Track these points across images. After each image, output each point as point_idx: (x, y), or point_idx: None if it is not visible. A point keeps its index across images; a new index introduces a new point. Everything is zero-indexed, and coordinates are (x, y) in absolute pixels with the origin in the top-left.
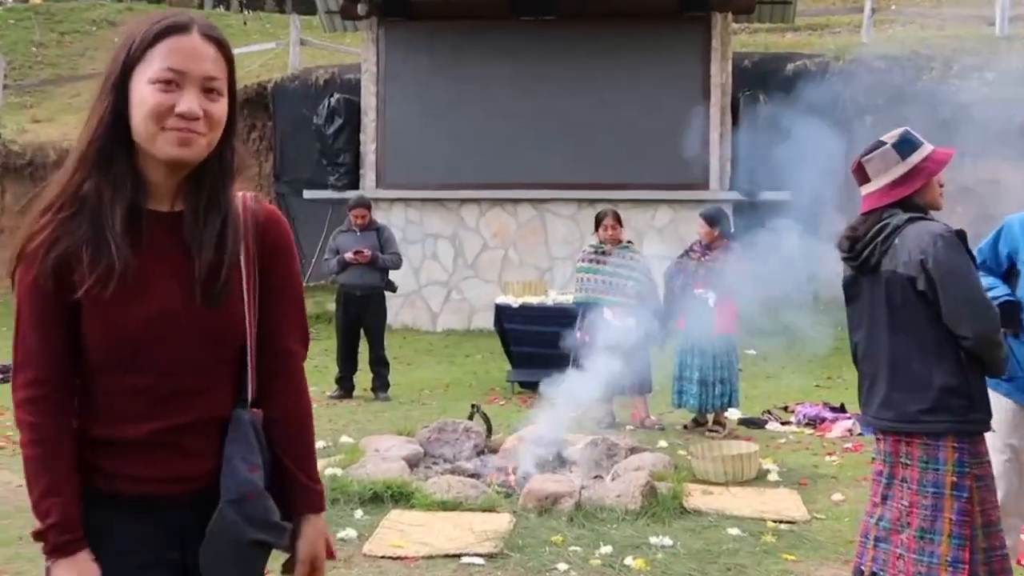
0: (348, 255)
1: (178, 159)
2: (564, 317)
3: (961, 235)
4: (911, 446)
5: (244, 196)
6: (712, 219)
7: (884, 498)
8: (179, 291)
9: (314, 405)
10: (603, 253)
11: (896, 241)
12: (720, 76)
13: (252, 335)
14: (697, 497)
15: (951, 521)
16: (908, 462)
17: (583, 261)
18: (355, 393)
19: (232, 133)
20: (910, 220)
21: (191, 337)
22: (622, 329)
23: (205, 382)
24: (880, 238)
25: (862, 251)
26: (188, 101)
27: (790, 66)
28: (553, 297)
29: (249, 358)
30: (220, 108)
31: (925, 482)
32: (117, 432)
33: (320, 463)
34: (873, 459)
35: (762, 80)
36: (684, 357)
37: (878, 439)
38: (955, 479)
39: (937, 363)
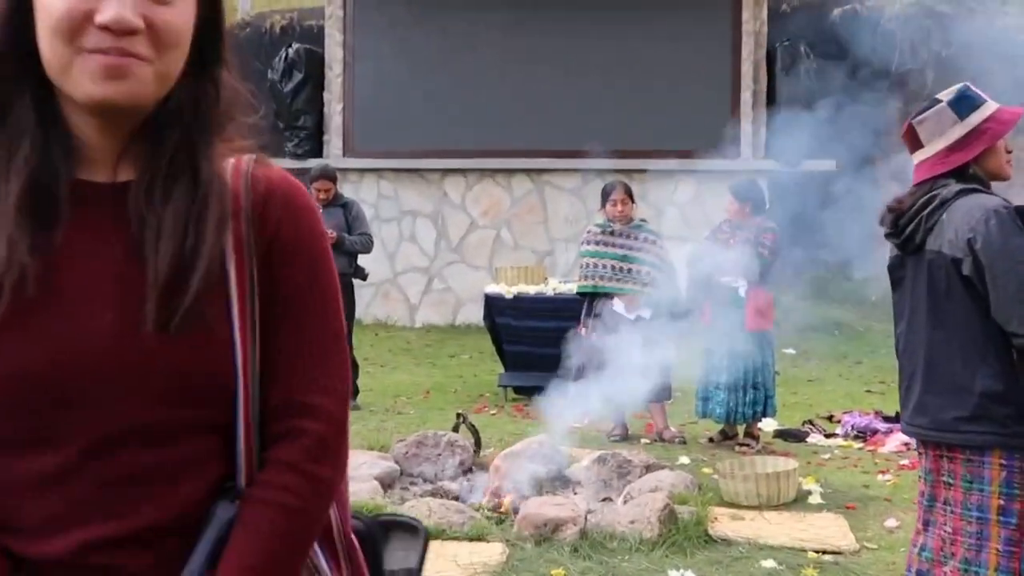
0: None
1: (105, 101)
2: (566, 310)
3: (1021, 212)
4: (953, 462)
5: (238, 161)
6: (743, 194)
7: (926, 524)
8: (118, 309)
9: None
10: (612, 233)
11: (943, 216)
12: (753, 23)
13: (247, 380)
14: (725, 523)
15: (998, 552)
16: (951, 481)
17: (589, 243)
18: None
19: (216, 59)
20: (962, 192)
21: (139, 382)
22: (635, 324)
23: (167, 459)
24: (926, 212)
25: (906, 227)
26: (114, 4)
27: (837, 11)
28: (554, 286)
29: (241, 417)
30: (176, 16)
31: (969, 505)
32: (18, 547)
33: None
34: (920, 477)
35: (804, 28)
36: (710, 358)
37: (920, 453)
38: (1002, 502)
39: (980, 364)
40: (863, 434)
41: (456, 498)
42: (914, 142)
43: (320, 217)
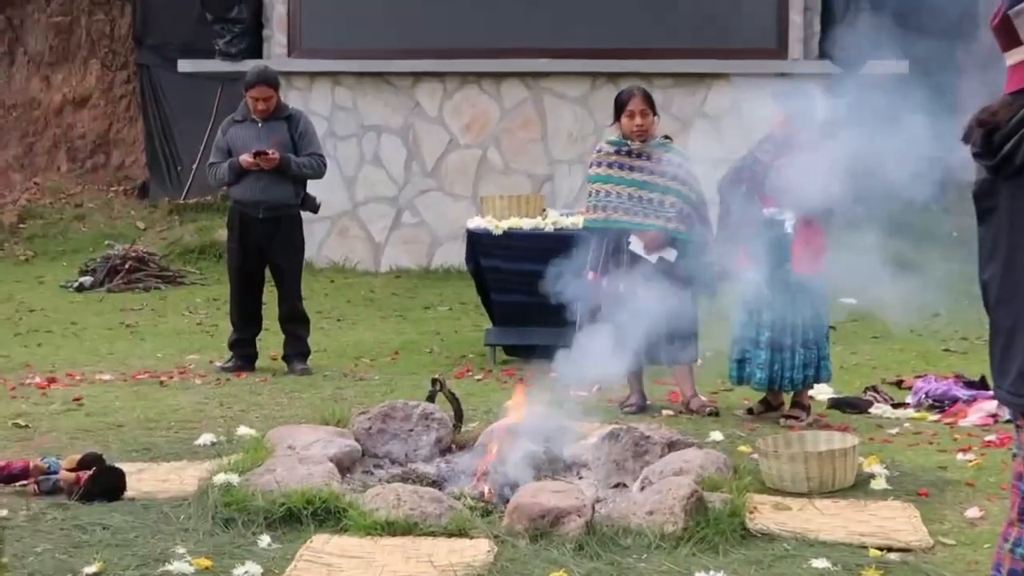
0: (245, 157)
1: None
2: (570, 250)
3: None
4: None
5: None
6: (791, 103)
7: (1023, 514)
8: None
9: (197, 382)
10: (628, 154)
11: None
12: None
13: None
14: (767, 514)
15: None
16: None
17: (598, 166)
18: (258, 364)
19: None
20: None
21: None
22: (657, 268)
23: None
24: None
25: (1002, 145)
26: None
27: None
28: (554, 220)
29: None
30: None
31: None
32: None
33: (206, 466)
34: (1014, 455)
35: None
36: (749, 309)
37: (1018, 426)
38: None
39: None
40: (940, 404)
41: (432, 484)
42: (1009, 37)
43: None
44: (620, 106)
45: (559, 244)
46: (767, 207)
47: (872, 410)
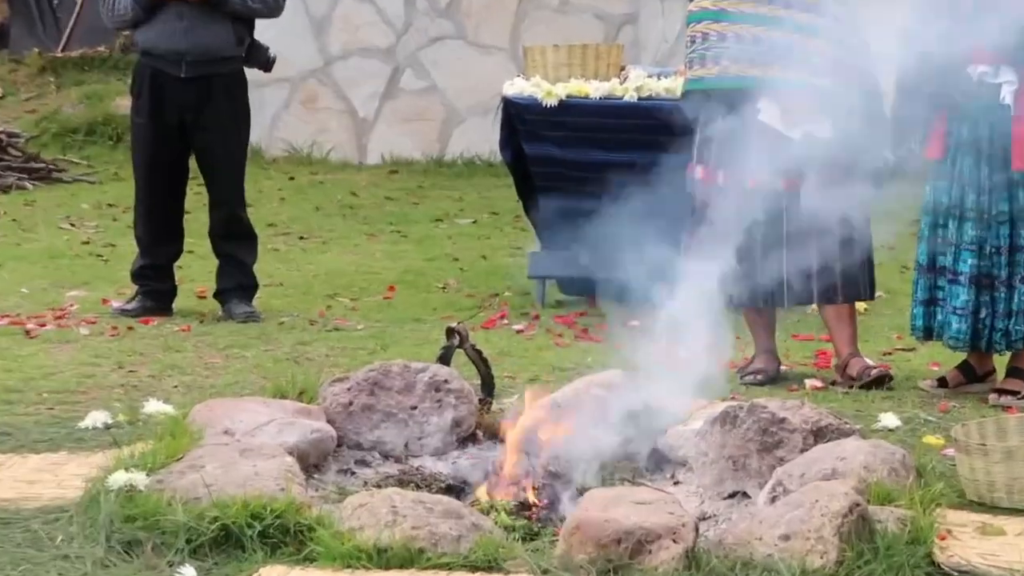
0: None
1: None
2: (663, 131)
3: None
4: None
5: None
6: None
7: None
8: None
9: (83, 332)
10: None
11: None
12: None
13: None
14: (967, 542)
15: None
16: None
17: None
18: (178, 305)
19: None
20: None
21: None
22: (801, 149)
23: None
24: None
25: None
26: None
27: None
28: (637, 84)
29: None
30: None
31: None
32: None
33: (97, 460)
34: None
35: None
36: (942, 223)
37: None
38: None
39: None
40: None
41: (447, 490)
42: None
43: None
44: None
45: (645, 121)
46: (978, 65)
47: None
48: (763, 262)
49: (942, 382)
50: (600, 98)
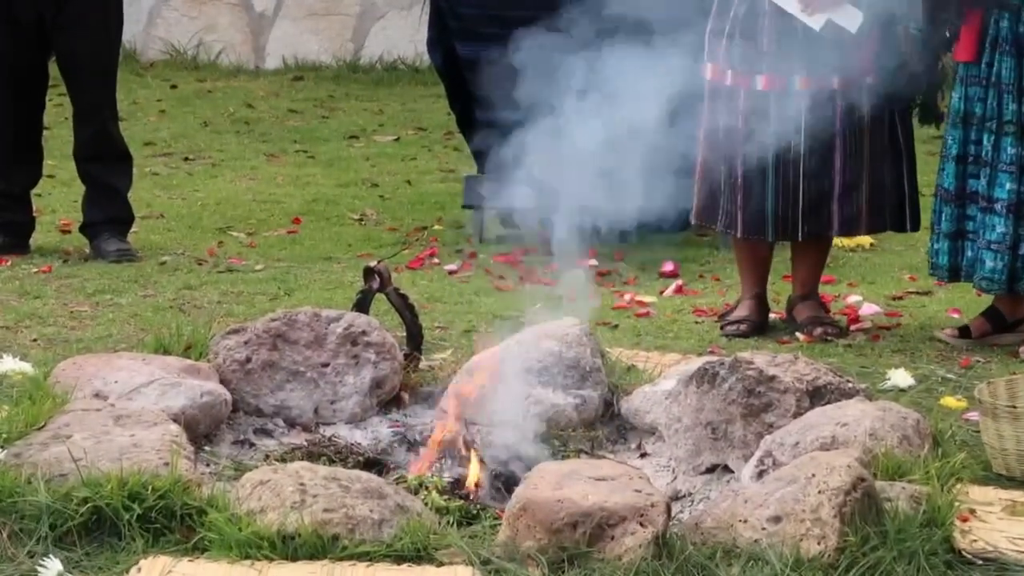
0: None
1: None
2: (631, 23)
3: None
4: None
5: None
6: None
7: None
8: None
9: None
10: None
11: None
12: None
13: None
14: (993, 524)
15: None
16: None
17: None
18: (36, 240)
19: None
20: None
21: None
22: (825, 40)
23: None
24: None
25: None
26: None
27: None
28: None
29: None
30: None
31: None
32: None
33: None
34: None
35: None
36: (972, 137)
37: None
38: None
39: None
40: None
41: (367, 464)
42: None
43: None
44: None
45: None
46: None
47: None
48: (775, 183)
49: (964, 331)
50: None
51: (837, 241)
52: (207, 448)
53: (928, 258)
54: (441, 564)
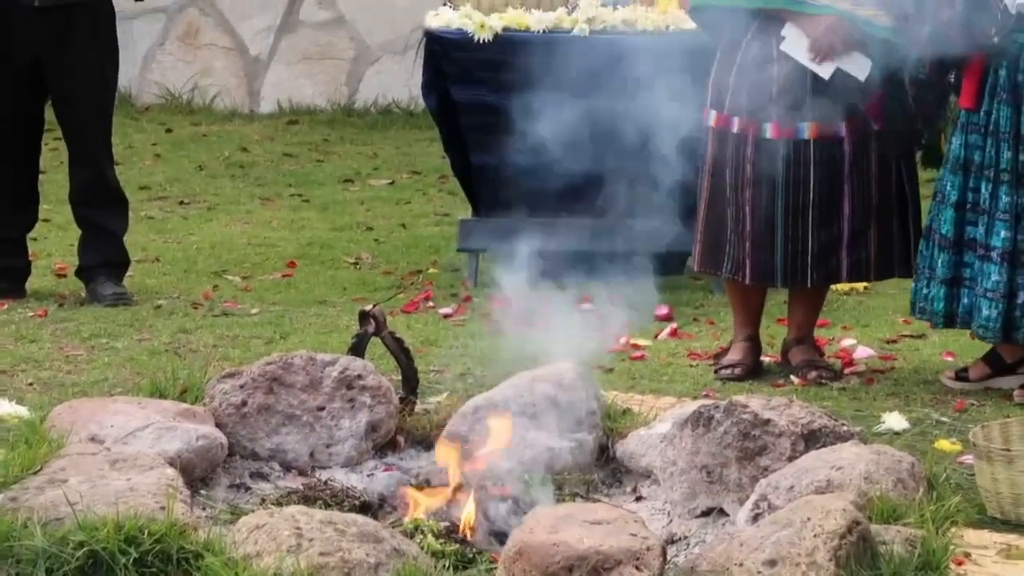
0: None
1: None
2: (618, 71)
3: None
4: None
5: None
6: None
7: None
8: None
9: None
10: None
11: None
12: None
13: None
14: (988, 566)
15: None
16: None
17: None
18: (32, 284)
19: None
20: None
21: None
22: (832, 88)
23: None
24: None
25: None
26: None
27: None
28: (590, 13)
29: None
30: None
31: None
32: None
33: None
34: None
35: None
36: (970, 184)
37: None
38: None
39: None
40: None
41: (362, 508)
42: None
43: None
44: None
45: (598, 60)
46: None
47: None
48: (784, 231)
49: (961, 374)
50: (544, 31)
51: (832, 285)
52: (203, 492)
53: (913, 300)
54: None
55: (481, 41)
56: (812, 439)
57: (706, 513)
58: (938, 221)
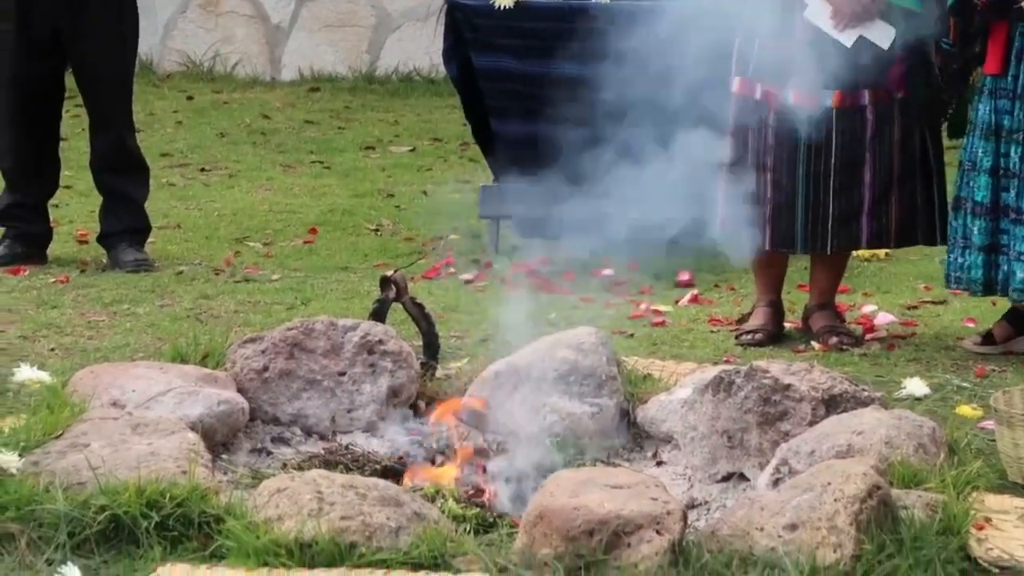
0: None
1: None
2: (641, 37)
3: None
4: None
5: None
6: None
7: None
8: None
9: None
10: None
11: None
12: None
13: None
14: (1009, 531)
15: None
16: None
17: None
18: (53, 250)
19: None
20: None
21: None
22: (855, 56)
23: None
24: None
25: None
26: None
27: None
28: None
29: None
30: None
31: None
32: None
33: None
34: None
35: None
36: (1001, 150)
37: None
38: None
39: None
40: None
41: (384, 472)
42: None
43: None
44: None
45: (621, 26)
46: None
47: None
48: (804, 197)
49: (986, 337)
50: None
51: (853, 251)
52: (224, 456)
53: (946, 270)
54: (458, 571)
55: (502, 8)
56: (833, 404)
57: (727, 478)
58: (969, 189)
